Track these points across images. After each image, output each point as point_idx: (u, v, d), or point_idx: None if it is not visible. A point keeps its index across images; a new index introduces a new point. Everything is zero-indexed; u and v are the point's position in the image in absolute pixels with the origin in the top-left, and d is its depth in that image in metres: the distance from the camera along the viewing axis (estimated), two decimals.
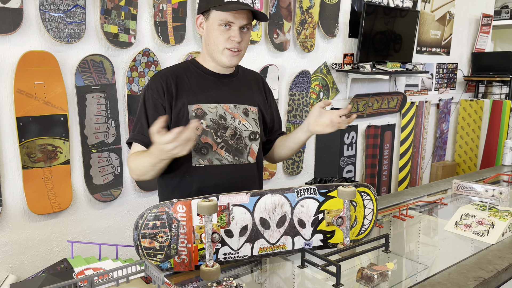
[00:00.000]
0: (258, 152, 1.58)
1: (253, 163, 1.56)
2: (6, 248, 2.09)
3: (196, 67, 1.53)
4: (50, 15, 2.03)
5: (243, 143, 1.52)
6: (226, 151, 1.49)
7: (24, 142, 2.03)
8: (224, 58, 1.44)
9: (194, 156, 1.46)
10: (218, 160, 1.48)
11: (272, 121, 1.68)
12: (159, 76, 1.48)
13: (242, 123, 1.52)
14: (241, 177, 1.52)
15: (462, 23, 4.62)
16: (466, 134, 4.73)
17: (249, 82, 1.62)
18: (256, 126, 1.56)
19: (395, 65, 3.63)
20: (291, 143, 1.63)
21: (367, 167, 3.85)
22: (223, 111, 1.49)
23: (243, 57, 1.50)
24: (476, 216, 1.73)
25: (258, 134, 1.56)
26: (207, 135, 1.46)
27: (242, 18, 1.40)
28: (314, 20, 3.16)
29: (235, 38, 1.40)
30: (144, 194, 2.53)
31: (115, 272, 1.13)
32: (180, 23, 2.48)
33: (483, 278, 1.31)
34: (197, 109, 1.46)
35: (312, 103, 3.31)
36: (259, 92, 1.63)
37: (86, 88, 2.21)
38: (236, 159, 1.51)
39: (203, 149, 1.46)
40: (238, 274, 1.37)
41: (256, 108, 1.58)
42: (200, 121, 1.43)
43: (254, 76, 1.66)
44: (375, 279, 1.27)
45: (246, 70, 1.67)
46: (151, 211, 1.25)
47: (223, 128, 1.48)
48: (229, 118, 1.50)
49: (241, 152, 1.52)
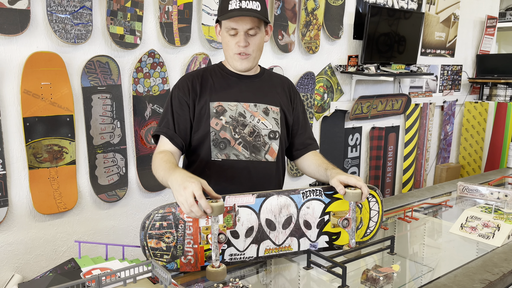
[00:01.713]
0: (278, 152, 1.60)
1: (271, 161, 1.59)
2: (12, 248, 2.10)
3: (221, 69, 1.61)
4: (57, 16, 2.04)
5: (261, 141, 1.56)
6: (243, 147, 1.54)
7: (30, 142, 2.05)
8: (236, 62, 1.53)
9: (213, 150, 1.53)
10: (235, 155, 1.54)
11: (297, 124, 1.69)
12: (186, 77, 1.59)
13: (261, 121, 1.56)
14: (257, 174, 1.56)
15: (467, 25, 4.61)
16: (471, 136, 4.72)
17: (274, 84, 1.66)
18: (277, 125, 1.59)
19: (399, 67, 3.63)
20: (317, 174, 1.61)
21: (371, 168, 3.85)
22: (243, 109, 1.55)
23: (257, 59, 1.56)
24: (481, 219, 1.72)
25: (278, 133, 1.59)
26: (226, 131, 1.52)
27: (246, 23, 1.46)
28: (319, 21, 3.17)
29: (240, 43, 1.48)
30: (149, 194, 2.54)
31: (123, 272, 1.14)
32: (186, 25, 2.49)
33: (489, 281, 1.31)
34: (218, 106, 1.53)
35: (317, 105, 3.31)
36: (283, 94, 1.65)
37: (92, 89, 2.22)
38: (253, 155, 1.55)
39: (222, 144, 1.53)
40: (244, 275, 1.37)
41: (278, 108, 1.61)
42: None
43: (281, 80, 1.70)
44: (381, 281, 1.27)
45: (274, 74, 1.72)
46: (157, 211, 1.26)
47: (242, 125, 1.54)
48: (248, 116, 1.55)
49: (259, 149, 1.56)
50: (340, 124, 3.55)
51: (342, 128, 3.57)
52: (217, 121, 1.52)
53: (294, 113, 1.68)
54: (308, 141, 1.71)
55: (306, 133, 1.72)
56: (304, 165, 1.69)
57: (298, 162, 1.73)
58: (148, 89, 2.42)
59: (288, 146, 1.71)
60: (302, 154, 1.70)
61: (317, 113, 3.34)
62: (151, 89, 2.43)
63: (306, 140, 1.71)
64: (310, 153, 1.70)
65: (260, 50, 1.55)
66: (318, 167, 1.60)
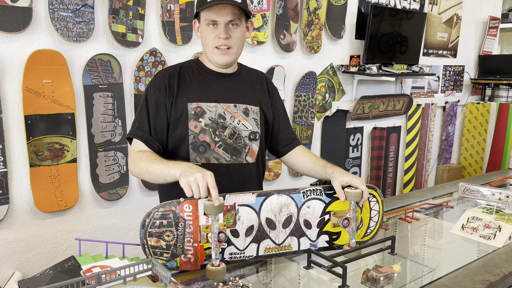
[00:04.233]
0: (258, 152, 1.57)
1: (252, 163, 1.55)
2: (12, 245, 2.10)
3: (199, 66, 1.54)
4: (59, 14, 2.05)
5: (242, 143, 1.52)
6: (224, 150, 1.49)
7: (31, 140, 2.05)
8: (215, 56, 1.46)
9: (192, 154, 1.47)
10: (215, 159, 1.49)
11: (278, 121, 1.66)
12: (162, 74, 1.50)
13: (241, 122, 1.52)
14: (238, 176, 1.52)
15: (469, 25, 4.60)
16: (472, 137, 4.71)
17: (252, 81, 1.61)
18: (257, 126, 1.55)
19: (401, 67, 3.62)
20: (313, 171, 1.58)
21: (372, 169, 3.85)
22: (222, 110, 1.49)
23: (238, 54, 1.49)
24: (482, 220, 1.72)
25: (259, 134, 1.56)
26: (205, 134, 1.47)
27: (226, 14, 1.40)
28: (321, 21, 3.16)
29: (221, 35, 1.41)
30: (150, 193, 2.54)
31: (123, 270, 1.14)
32: (188, 23, 2.49)
33: (489, 282, 1.30)
34: (197, 107, 1.47)
35: (318, 104, 3.31)
36: (262, 91, 1.62)
37: (94, 87, 2.22)
38: (234, 158, 1.51)
39: (201, 147, 1.47)
40: (244, 274, 1.37)
41: (258, 107, 1.57)
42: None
43: (258, 75, 1.65)
44: (381, 281, 1.27)
45: (251, 69, 1.66)
46: (158, 210, 1.26)
47: (222, 127, 1.49)
48: (228, 117, 1.50)
49: (240, 151, 1.52)
50: (342, 124, 3.55)
51: (344, 128, 3.57)
52: (196, 124, 1.46)
53: (273, 109, 1.64)
54: (293, 135, 1.69)
55: (288, 128, 1.69)
56: (296, 161, 1.65)
57: (286, 158, 1.68)
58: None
59: (273, 144, 1.67)
60: (289, 150, 1.66)
61: (318, 113, 3.34)
62: None
63: (290, 135, 1.68)
64: (298, 149, 1.66)
65: (241, 45, 1.48)
66: (313, 164, 1.57)
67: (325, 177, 1.50)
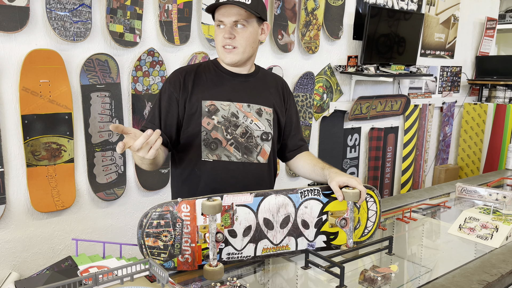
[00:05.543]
0: (270, 153, 1.58)
1: (263, 163, 1.57)
2: (9, 246, 2.09)
3: (216, 66, 1.58)
4: (57, 13, 2.04)
5: (253, 142, 1.54)
6: (235, 148, 1.52)
7: (28, 140, 2.04)
8: (222, 55, 1.50)
9: (204, 150, 1.50)
10: (226, 156, 1.51)
11: (290, 125, 1.67)
12: (179, 71, 1.55)
13: (254, 122, 1.54)
14: (249, 175, 1.54)
15: (466, 26, 4.61)
16: (470, 137, 4.72)
17: (268, 84, 1.63)
18: (269, 127, 1.57)
19: (399, 68, 3.63)
20: (313, 174, 1.60)
21: (370, 169, 3.85)
22: (235, 109, 1.52)
23: (246, 54, 1.50)
24: (480, 220, 1.72)
25: (271, 134, 1.57)
26: (217, 131, 1.50)
27: (232, 15, 1.43)
28: (319, 21, 3.16)
29: (225, 35, 1.45)
30: (147, 193, 2.54)
31: (120, 271, 1.13)
32: (185, 23, 2.49)
33: (487, 282, 1.31)
34: (210, 105, 1.50)
35: (316, 105, 3.31)
36: (277, 95, 1.63)
37: (91, 87, 2.21)
38: (245, 157, 1.53)
39: (213, 144, 1.50)
40: (241, 274, 1.37)
41: (271, 109, 1.58)
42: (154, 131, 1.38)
43: (275, 79, 1.68)
44: (378, 281, 1.27)
45: (269, 72, 1.69)
46: (155, 210, 1.25)
47: (234, 126, 1.51)
48: (241, 116, 1.53)
49: (251, 151, 1.54)
50: (339, 125, 3.55)
51: (341, 129, 3.57)
52: (209, 121, 1.49)
53: (287, 114, 1.66)
54: (301, 142, 1.71)
55: (298, 134, 1.72)
56: (298, 166, 1.68)
57: (291, 163, 1.72)
58: (147, 87, 2.41)
59: (281, 148, 1.70)
60: (295, 155, 1.69)
61: (316, 113, 3.34)
62: (150, 88, 2.43)
63: (298, 142, 1.70)
64: (302, 153, 1.69)
65: (250, 45, 1.49)
66: (313, 167, 1.59)
67: (324, 179, 1.52)
